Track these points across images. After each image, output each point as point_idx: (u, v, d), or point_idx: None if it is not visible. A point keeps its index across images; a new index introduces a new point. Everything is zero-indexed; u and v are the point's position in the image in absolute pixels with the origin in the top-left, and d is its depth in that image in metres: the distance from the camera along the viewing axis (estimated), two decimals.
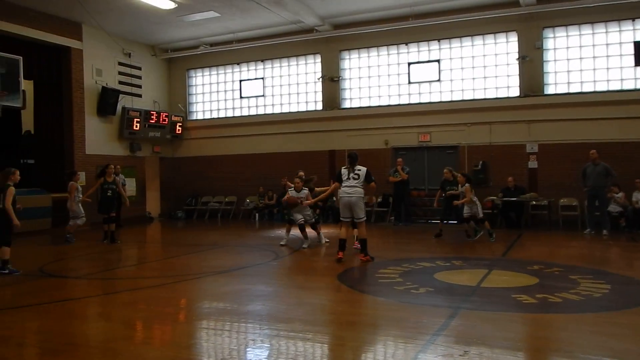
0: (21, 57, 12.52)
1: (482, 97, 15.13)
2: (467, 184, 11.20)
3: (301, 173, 11.26)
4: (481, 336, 4.40)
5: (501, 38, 14.96)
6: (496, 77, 15.01)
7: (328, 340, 4.54)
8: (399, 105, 16.12)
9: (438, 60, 15.68)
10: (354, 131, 16.49)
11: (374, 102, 16.54)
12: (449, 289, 6.38)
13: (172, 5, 14.04)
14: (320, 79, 17.12)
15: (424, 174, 15.83)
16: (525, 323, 5.08)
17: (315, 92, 17.41)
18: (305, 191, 10.23)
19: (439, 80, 15.66)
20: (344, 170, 8.42)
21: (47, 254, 10.28)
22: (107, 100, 16.10)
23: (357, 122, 16.46)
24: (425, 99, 15.88)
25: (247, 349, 4.33)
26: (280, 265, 8.41)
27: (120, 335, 4.85)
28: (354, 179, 8.30)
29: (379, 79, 16.51)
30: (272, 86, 18.15)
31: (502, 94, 14.94)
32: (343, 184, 8.35)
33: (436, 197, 12.25)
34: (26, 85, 13.28)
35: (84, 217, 11.57)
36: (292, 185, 10.58)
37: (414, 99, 16.02)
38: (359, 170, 8.36)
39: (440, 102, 15.59)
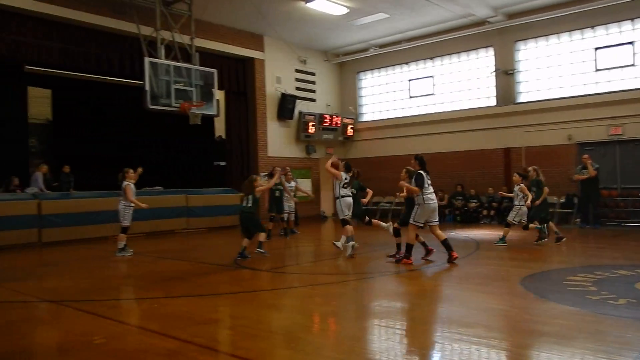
0: (215, 70, 14.05)
1: None
2: (521, 184, 10.25)
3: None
4: None
5: None
6: None
7: (515, 349, 4.33)
8: (584, 95, 14.74)
9: (632, 42, 14.00)
10: (531, 126, 15.50)
11: (555, 94, 15.34)
12: None
13: (344, 11, 14.57)
14: (494, 73, 16.36)
15: (615, 171, 14.25)
16: None
17: (488, 87, 16.69)
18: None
19: (633, 64, 13.98)
20: (425, 175, 8.29)
21: (239, 248, 11.32)
22: (285, 106, 17.30)
23: (535, 117, 15.42)
24: (616, 86, 14.28)
25: (429, 351, 4.31)
26: (458, 268, 8.23)
27: (302, 325, 5.19)
28: (430, 184, 8.38)
29: (559, 68, 15.27)
30: (442, 84, 17.82)
31: None
32: (427, 190, 8.24)
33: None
34: (218, 95, 14.81)
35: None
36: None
37: (602, 88, 14.52)
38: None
39: (636, 89, 13.88)
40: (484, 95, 16.83)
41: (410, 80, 18.61)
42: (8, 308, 6.15)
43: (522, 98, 16.04)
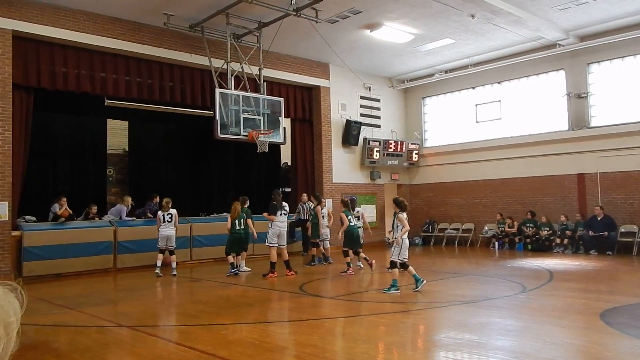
0: (282, 99, 14.44)
1: None
2: (400, 213, 8.16)
3: None
4: None
5: None
6: None
7: None
8: None
9: None
10: (606, 151, 14.74)
11: (633, 118, 14.53)
12: None
13: (410, 38, 14.61)
14: (566, 96, 15.79)
15: None
16: None
17: (559, 110, 16.10)
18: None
19: None
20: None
21: (304, 274, 11.40)
22: (350, 132, 17.43)
23: (611, 142, 14.66)
24: None
25: None
26: (529, 299, 7.90)
27: (368, 355, 5.12)
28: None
29: (638, 89, 14.50)
30: (510, 108, 17.37)
31: None
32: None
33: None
34: (285, 123, 15.12)
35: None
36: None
37: None
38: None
39: None
40: (555, 119, 16.23)
41: (476, 104, 18.27)
42: (87, 333, 6.46)
43: (595, 122, 15.36)
